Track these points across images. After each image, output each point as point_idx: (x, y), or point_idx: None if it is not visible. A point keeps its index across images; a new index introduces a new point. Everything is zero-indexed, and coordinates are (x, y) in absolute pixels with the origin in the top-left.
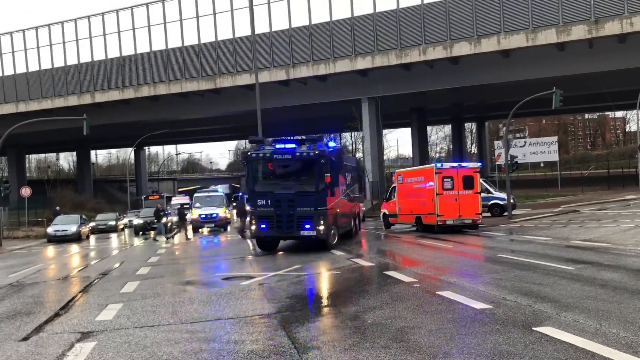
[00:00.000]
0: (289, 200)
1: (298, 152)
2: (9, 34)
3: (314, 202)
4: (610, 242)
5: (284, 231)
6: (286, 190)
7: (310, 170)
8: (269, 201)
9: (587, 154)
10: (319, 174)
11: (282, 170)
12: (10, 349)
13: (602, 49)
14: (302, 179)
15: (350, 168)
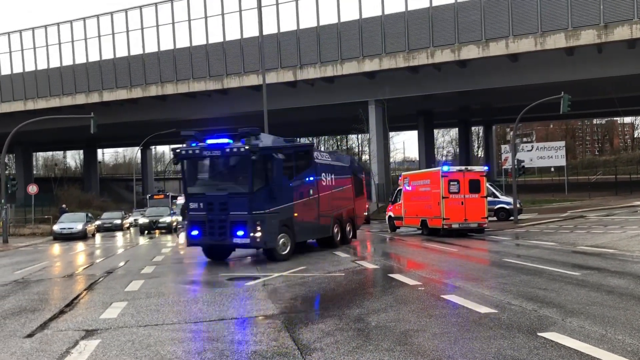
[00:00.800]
0: (221, 203)
1: (228, 149)
2: (18, 32)
3: (249, 206)
4: (617, 248)
5: (216, 238)
6: (218, 192)
7: (244, 169)
8: (201, 204)
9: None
10: (253, 172)
11: (213, 169)
12: (14, 345)
13: (611, 54)
14: (237, 179)
15: (331, 167)
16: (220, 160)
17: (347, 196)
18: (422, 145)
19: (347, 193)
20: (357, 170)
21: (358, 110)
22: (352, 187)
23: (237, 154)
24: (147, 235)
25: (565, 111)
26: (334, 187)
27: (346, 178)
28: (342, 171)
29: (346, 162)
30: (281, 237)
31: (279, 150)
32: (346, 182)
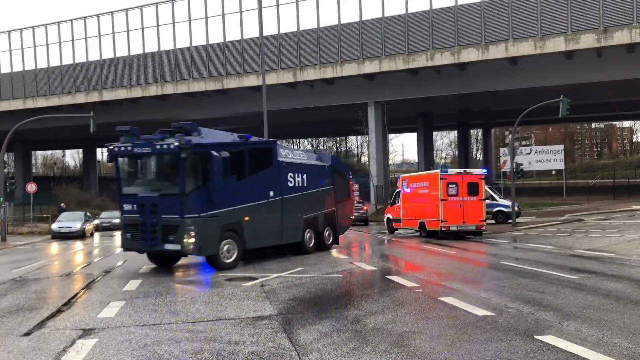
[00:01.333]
0: (153, 204)
1: (159, 145)
2: (18, 31)
3: (180, 208)
4: (614, 252)
5: (148, 243)
6: (150, 193)
7: (175, 168)
8: (134, 206)
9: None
10: (184, 172)
11: (146, 168)
12: (12, 343)
13: (610, 59)
14: (169, 179)
15: (303, 167)
16: (152, 158)
17: (324, 198)
18: (421, 147)
19: (325, 195)
20: (341, 171)
21: (357, 111)
22: (333, 188)
23: (166, 152)
24: None
25: (564, 115)
26: (306, 188)
27: (324, 178)
28: (320, 171)
29: (326, 161)
30: (225, 244)
31: (222, 148)
32: (324, 182)
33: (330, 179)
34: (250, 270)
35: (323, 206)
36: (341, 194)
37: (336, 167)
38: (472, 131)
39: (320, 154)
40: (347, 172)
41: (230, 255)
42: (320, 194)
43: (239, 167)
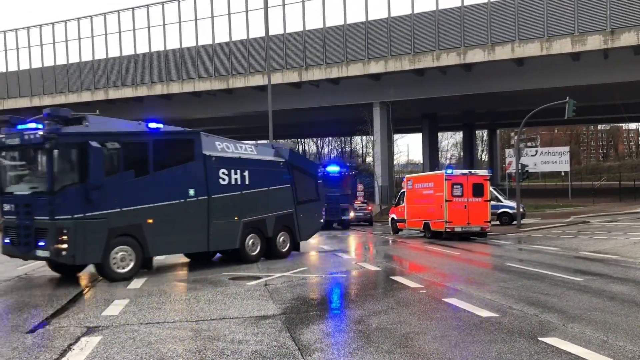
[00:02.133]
0: (25, 204)
1: (26, 136)
2: (25, 29)
3: (49, 209)
4: (620, 255)
5: (22, 249)
6: (24, 191)
7: (44, 162)
8: (12, 206)
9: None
10: (52, 165)
11: (22, 162)
12: (17, 340)
13: (617, 60)
14: (42, 175)
15: (245, 162)
16: (23, 151)
17: (277, 198)
18: (426, 148)
19: (279, 194)
20: (305, 168)
21: (363, 112)
22: (293, 187)
23: (33, 143)
24: None
25: (570, 116)
26: (249, 187)
27: (279, 176)
28: (272, 167)
29: (284, 156)
30: (118, 251)
31: (110, 138)
32: (278, 180)
33: (289, 177)
34: (254, 270)
35: (276, 207)
36: (305, 194)
37: (296, 163)
38: (478, 132)
39: (279, 148)
40: (314, 169)
41: (126, 265)
42: (271, 193)
43: (139, 161)
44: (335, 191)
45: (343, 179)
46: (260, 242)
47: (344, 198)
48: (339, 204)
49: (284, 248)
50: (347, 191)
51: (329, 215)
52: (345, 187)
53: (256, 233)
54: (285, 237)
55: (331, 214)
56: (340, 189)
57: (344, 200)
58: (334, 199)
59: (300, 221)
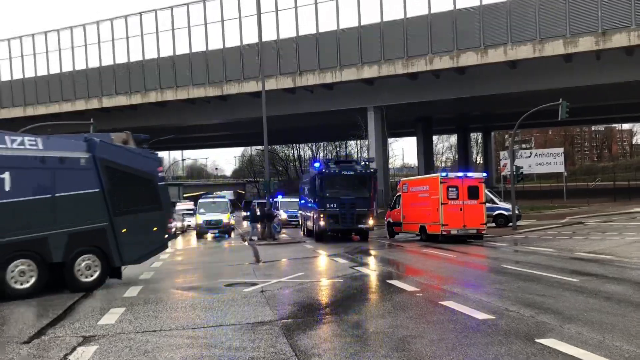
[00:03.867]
0: None
1: None
2: (18, 39)
3: None
4: (615, 255)
5: None
6: None
7: None
8: None
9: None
10: None
11: None
12: (12, 351)
13: (609, 61)
14: None
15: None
16: None
17: (72, 208)
18: (421, 151)
19: (77, 202)
20: (135, 165)
21: (357, 116)
22: (105, 192)
23: None
24: None
25: (563, 118)
26: (9, 195)
27: (79, 177)
28: (64, 166)
29: (91, 150)
30: None
31: None
32: (76, 183)
33: (97, 178)
34: (251, 276)
35: (70, 221)
36: (132, 201)
37: (112, 158)
38: (472, 135)
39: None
40: (150, 167)
41: None
42: (58, 202)
43: None
44: (349, 193)
45: (360, 178)
46: (39, 270)
47: (362, 202)
48: (355, 209)
49: (88, 277)
50: (365, 193)
51: (343, 224)
52: (363, 188)
53: (29, 258)
54: (92, 262)
55: (345, 222)
56: (355, 191)
57: (362, 205)
58: (347, 204)
59: (123, 239)
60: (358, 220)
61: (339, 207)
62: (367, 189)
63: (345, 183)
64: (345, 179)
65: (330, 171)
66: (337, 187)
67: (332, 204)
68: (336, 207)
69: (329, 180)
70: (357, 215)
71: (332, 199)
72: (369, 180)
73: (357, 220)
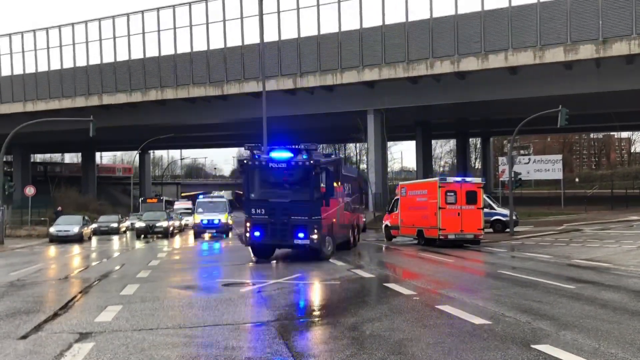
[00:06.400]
0: None
1: None
2: (19, 34)
3: None
4: (612, 263)
5: None
6: None
7: None
8: None
9: (591, 173)
10: None
11: None
12: (8, 346)
13: (609, 69)
14: None
15: None
16: None
17: None
18: (420, 155)
19: None
20: None
21: (357, 119)
22: None
23: None
24: (144, 240)
25: (562, 125)
26: None
27: None
28: None
29: None
30: None
31: None
32: None
33: None
34: (248, 277)
35: None
36: None
37: None
38: (471, 140)
39: None
40: None
41: None
42: None
43: None
44: (283, 195)
45: (298, 173)
46: None
47: (300, 207)
48: (289, 217)
49: None
50: (306, 195)
51: (272, 237)
52: (304, 187)
53: None
54: None
55: (274, 234)
56: (292, 191)
57: (301, 211)
58: (278, 210)
59: None
60: (294, 233)
61: (268, 214)
62: (309, 189)
63: (277, 180)
64: (278, 174)
65: (256, 163)
66: (267, 185)
67: (260, 209)
68: (264, 213)
69: (255, 175)
70: (292, 226)
71: (259, 202)
72: (312, 176)
73: (292, 232)
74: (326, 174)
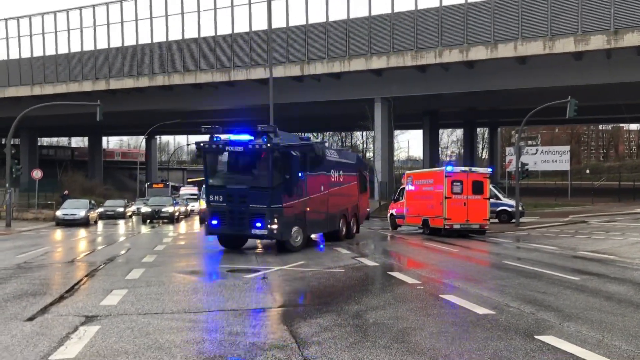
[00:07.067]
0: None
1: None
2: (27, 17)
3: None
4: (617, 255)
5: None
6: None
7: None
8: None
9: (599, 164)
10: None
11: None
12: (15, 328)
13: (620, 60)
14: None
15: None
16: None
17: None
18: (427, 144)
19: None
20: None
21: (364, 107)
22: None
23: None
24: (149, 224)
25: (571, 116)
26: None
27: None
28: None
29: None
30: None
31: None
32: None
33: None
34: (253, 263)
35: None
36: None
37: None
38: (479, 130)
39: None
40: None
41: None
42: None
43: None
44: (241, 181)
45: (256, 157)
46: None
47: (258, 194)
48: (246, 205)
49: None
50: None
51: (230, 227)
52: (263, 173)
53: None
54: None
55: (232, 224)
56: (251, 177)
57: (259, 199)
58: (236, 197)
59: None
60: (252, 223)
61: (226, 201)
62: (268, 175)
63: (235, 165)
64: (235, 158)
65: (213, 147)
66: (225, 171)
67: (218, 196)
68: (222, 201)
69: (213, 160)
70: (250, 215)
71: (217, 188)
72: (271, 160)
73: (250, 222)
74: (290, 159)
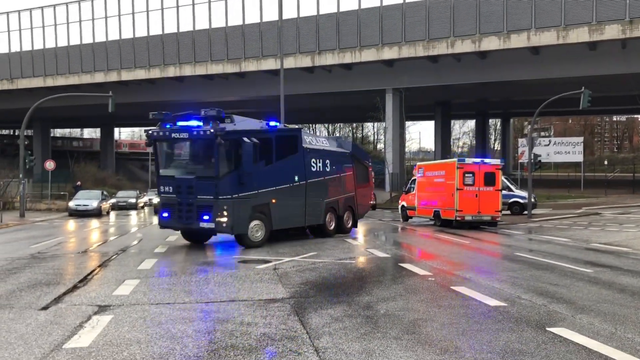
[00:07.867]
0: None
1: None
2: (40, 9)
3: None
4: (631, 247)
5: None
6: None
7: None
8: None
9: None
10: None
11: None
12: (30, 316)
13: (635, 50)
14: None
15: None
16: None
17: None
18: (439, 136)
19: None
20: None
21: (375, 98)
22: None
23: None
24: None
25: (585, 107)
26: None
27: None
28: None
29: None
30: None
31: None
32: None
33: None
34: (264, 254)
35: None
36: None
37: None
38: (491, 121)
39: None
40: None
41: None
42: None
43: None
44: (190, 170)
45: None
46: None
47: (206, 185)
48: (193, 196)
49: None
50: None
51: (179, 219)
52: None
53: None
54: None
55: (180, 216)
56: (200, 166)
57: (206, 189)
58: (184, 187)
59: None
60: (200, 215)
61: (175, 192)
62: (215, 163)
63: (182, 153)
64: (181, 146)
65: (160, 134)
66: (173, 159)
67: (167, 186)
68: (172, 192)
69: (161, 148)
70: (197, 207)
71: (167, 179)
72: (219, 148)
73: (198, 214)
74: (242, 146)
